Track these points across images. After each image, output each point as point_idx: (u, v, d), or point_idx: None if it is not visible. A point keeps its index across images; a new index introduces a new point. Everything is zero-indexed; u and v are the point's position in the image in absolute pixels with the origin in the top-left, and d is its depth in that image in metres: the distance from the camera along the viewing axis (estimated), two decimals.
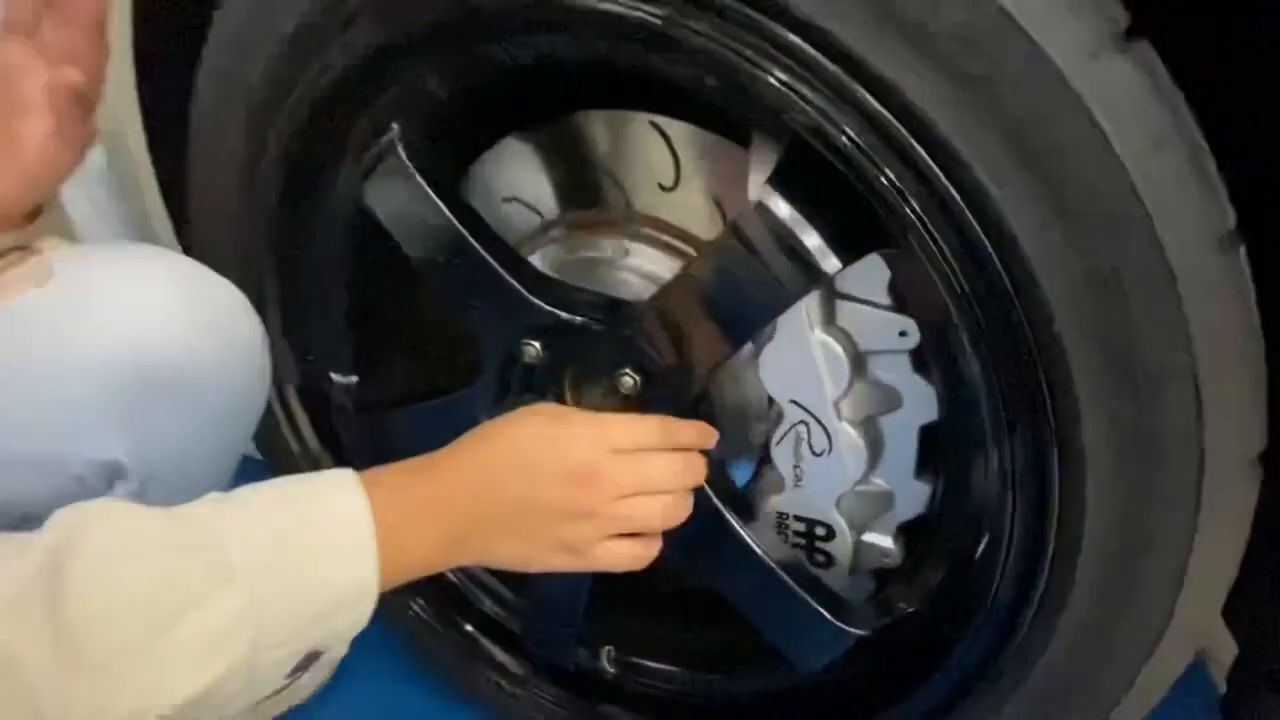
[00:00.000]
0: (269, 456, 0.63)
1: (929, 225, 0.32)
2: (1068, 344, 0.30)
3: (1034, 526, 0.35)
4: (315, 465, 0.61)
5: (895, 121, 0.31)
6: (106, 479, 0.39)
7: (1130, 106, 0.29)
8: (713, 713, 0.57)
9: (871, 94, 0.31)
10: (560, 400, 0.53)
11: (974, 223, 0.30)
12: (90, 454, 0.38)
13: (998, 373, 0.33)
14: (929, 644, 0.44)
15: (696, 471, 0.40)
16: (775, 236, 0.36)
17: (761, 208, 0.37)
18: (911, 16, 0.29)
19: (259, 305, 0.52)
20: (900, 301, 0.41)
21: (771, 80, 0.32)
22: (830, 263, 0.36)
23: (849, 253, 0.36)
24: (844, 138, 0.32)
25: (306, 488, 0.34)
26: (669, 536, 0.41)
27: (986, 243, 0.30)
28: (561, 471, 0.37)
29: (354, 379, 0.62)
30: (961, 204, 0.30)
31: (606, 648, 0.59)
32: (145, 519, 0.30)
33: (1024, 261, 0.30)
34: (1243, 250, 0.31)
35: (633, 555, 0.39)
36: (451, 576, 0.61)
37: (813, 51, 0.31)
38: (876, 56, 0.30)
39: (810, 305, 0.41)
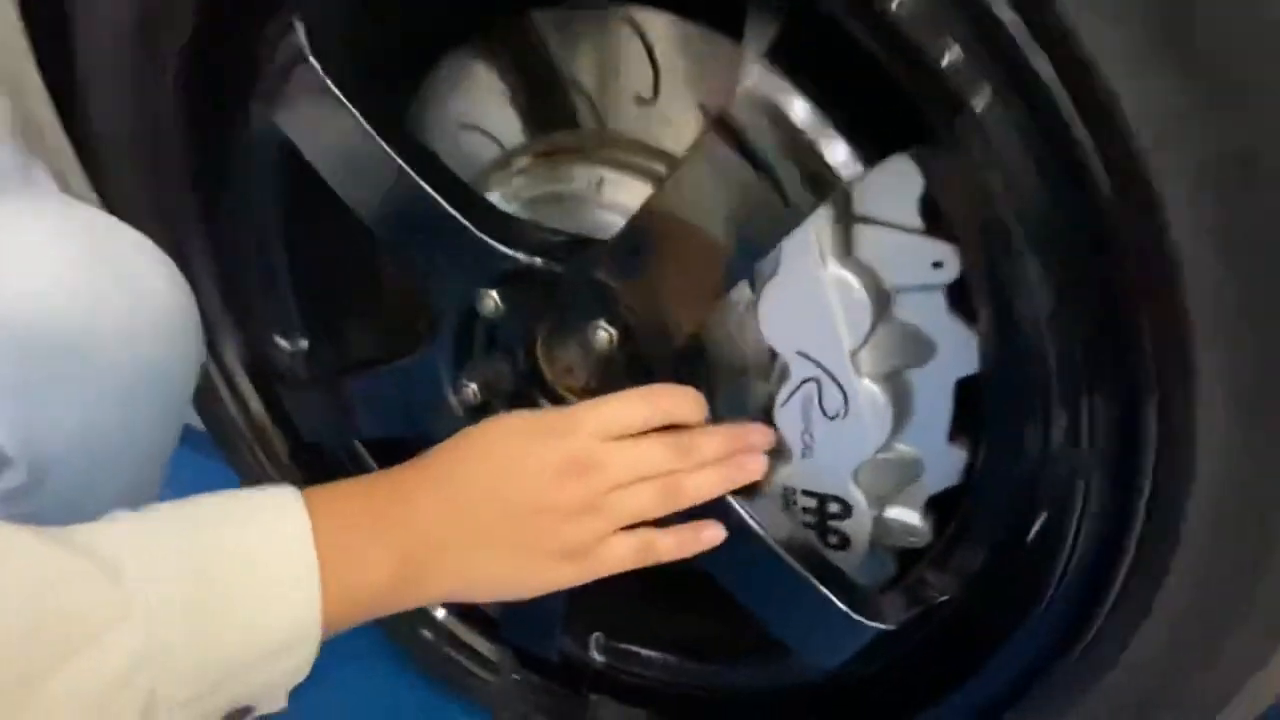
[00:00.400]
0: (211, 428, 0.56)
1: (1002, 113, 0.23)
2: (1185, 261, 0.22)
3: (1117, 504, 0.27)
4: (261, 436, 0.55)
5: None
6: None
7: None
8: (714, 707, 0.51)
9: None
10: (530, 361, 0.46)
11: (1062, 96, 0.21)
12: None
13: (1080, 309, 0.25)
14: (970, 638, 0.37)
15: (699, 446, 0.34)
16: (774, 133, 0.28)
17: (756, 95, 0.28)
18: None
19: (182, 259, 0.45)
20: (936, 222, 0.32)
21: None
22: (847, 165, 0.28)
23: (871, 150, 0.28)
24: (893, 3, 0.23)
25: (233, 507, 0.28)
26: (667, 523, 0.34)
27: (1080, 121, 0.22)
28: (550, 466, 0.32)
29: (303, 343, 0.55)
30: (1043, 71, 0.22)
31: (595, 635, 0.53)
32: (19, 541, 0.24)
33: (1130, 145, 0.21)
34: None
35: (635, 551, 0.33)
36: None
37: None
38: None
39: (821, 230, 0.33)
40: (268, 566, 0.27)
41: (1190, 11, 0.21)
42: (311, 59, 0.37)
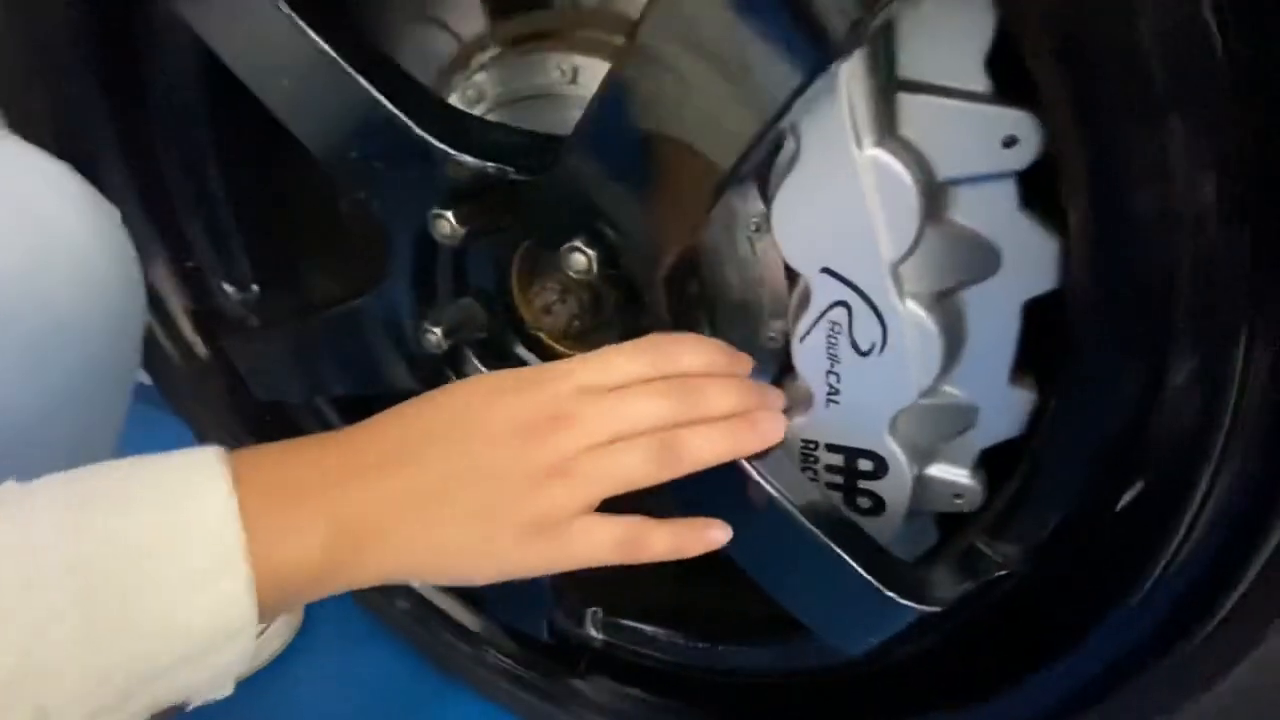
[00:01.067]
0: (158, 382, 0.51)
1: None
2: None
3: (1262, 474, 0.20)
4: (207, 380, 0.49)
5: None
6: None
7: None
8: (721, 689, 0.45)
9: None
10: (504, 299, 0.39)
11: None
12: None
13: (1261, 205, 0.17)
14: (1037, 625, 0.30)
15: (704, 395, 0.28)
16: None
17: None
18: None
19: (99, 182, 0.38)
20: (1009, 83, 0.24)
21: None
22: None
23: None
24: None
25: (137, 482, 0.22)
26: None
27: None
28: (514, 424, 0.26)
29: (254, 290, 0.48)
30: None
31: (592, 610, 0.47)
32: None
33: None
34: None
35: (617, 542, 0.27)
36: None
37: None
38: None
39: (855, 100, 0.25)
40: (182, 556, 0.21)
41: None
42: None
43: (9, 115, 0.43)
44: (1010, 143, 0.25)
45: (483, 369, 0.41)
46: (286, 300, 0.49)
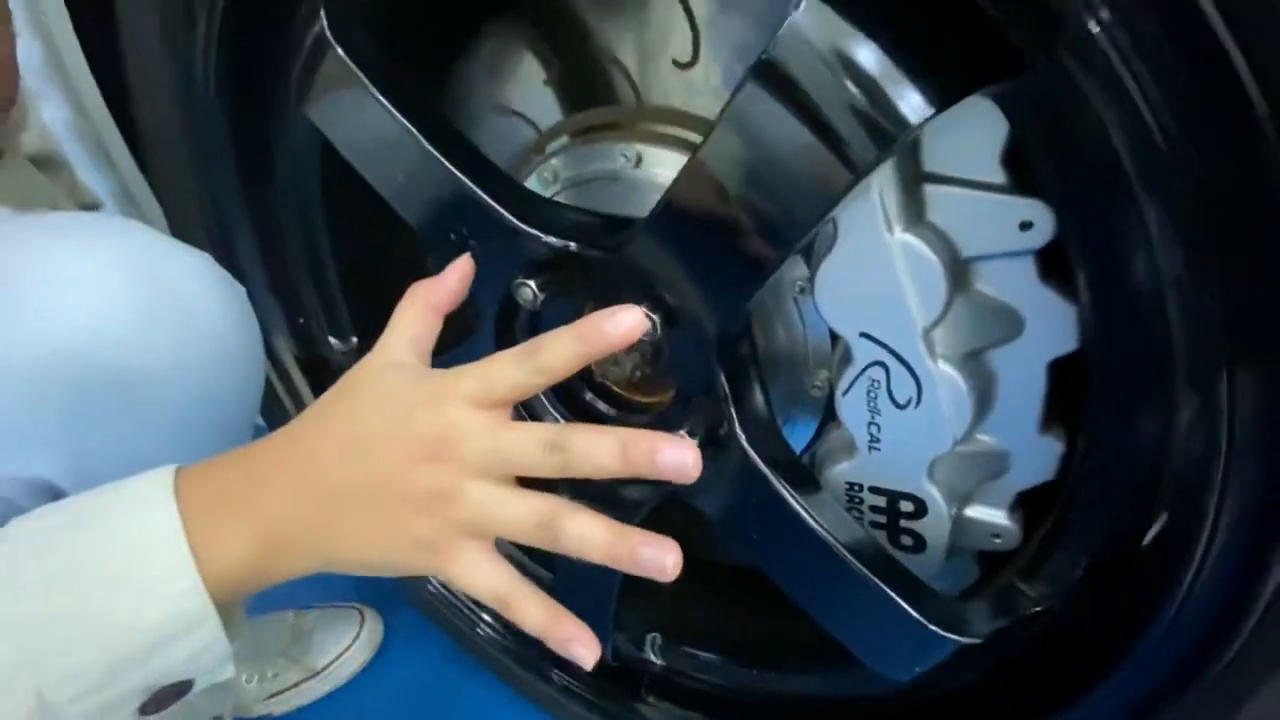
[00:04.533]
0: (272, 427, 0.58)
1: (1115, 17, 0.19)
2: None
3: (1264, 514, 0.22)
4: None
5: None
6: (38, 500, 0.33)
7: None
8: (782, 716, 0.48)
9: None
10: None
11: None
12: (15, 470, 0.33)
13: (1219, 266, 0.20)
14: (1072, 658, 0.32)
15: (570, 451, 0.26)
16: (826, 76, 0.24)
17: (803, 32, 0.24)
18: None
19: (236, 269, 0.45)
20: (1024, 176, 0.28)
21: None
22: (915, 110, 0.23)
23: (945, 90, 0.23)
24: None
25: (102, 501, 0.27)
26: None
27: (1222, 21, 0.17)
28: (406, 440, 0.27)
29: (354, 341, 0.55)
30: None
31: (652, 635, 0.51)
32: None
33: None
34: None
35: (491, 589, 0.28)
36: None
37: None
38: None
39: (886, 192, 0.29)
40: (140, 565, 0.26)
41: None
42: (336, 46, 0.36)
43: (162, 201, 0.52)
44: (1026, 226, 0.28)
45: (556, 415, 0.45)
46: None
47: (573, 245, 0.37)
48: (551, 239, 0.37)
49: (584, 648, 0.27)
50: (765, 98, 0.25)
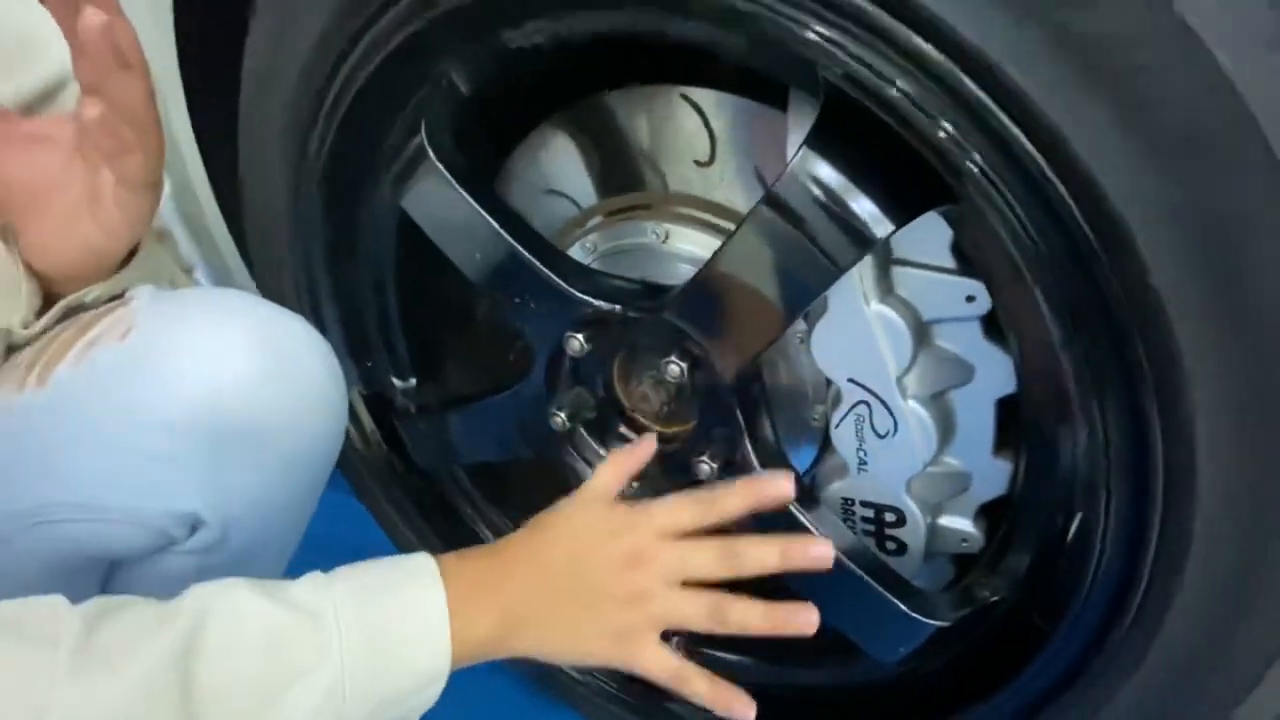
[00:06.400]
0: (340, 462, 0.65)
1: (993, 177, 0.28)
2: (1167, 298, 0.26)
3: (1135, 506, 0.31)
4: (379, 463, 0.63)
5: (952, 65, 0.27)
6: (188, 528, 0.41)
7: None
8: (788, 705, 0.55)
9: (925, 38, 0.27)
10: (610, 392, 0.52)
11: (1047, 168, 0.26)
12: (169, 506, 0.40)
13: (1083, 338, 0.29)
14: (1020, 635, 0.40)
15: (743, 559, 0.38)
16: (818, 202, 0.33)
17: (801, 172, 0.34)
18: None
19: (319, 321, 0.54)
20: (966, 262, 0.37)
21: (810, 34, 0.30)
22: (882, 226, 0.33)
23: (902, 214, 0.33)
24: (894, 89, 0.29)
25: (391, 575, 0.36)
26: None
27: (1062, 190, 0.27)
28: (613, 554, 0.37)
29: (413, 382, 0.63)
30: (1032, 147, 0.27)
31: (675, 637, 0.58)
32: (260, 601, 0.33)
33: (1109, 205, 0.26)
34: None
35: (670, 664, 0.38)
36: None
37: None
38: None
39: (864, 274, 0.38)
40: (414, 623, 0.35)
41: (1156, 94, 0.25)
42: (433, 155, 0.45)
43: (258, 268, 0.60)
44: (971, 299, 0.38)
45: (591, 442, 0.54)
46: (434, 389, 0.64)
47: (617, 308, 0.46)
48: (599, 302, 0.46)
49: (744, 707, 0.38)
50: (773, 218, 0.35)
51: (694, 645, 0.59)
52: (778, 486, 0.39)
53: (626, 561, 0.37)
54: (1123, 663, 0.35)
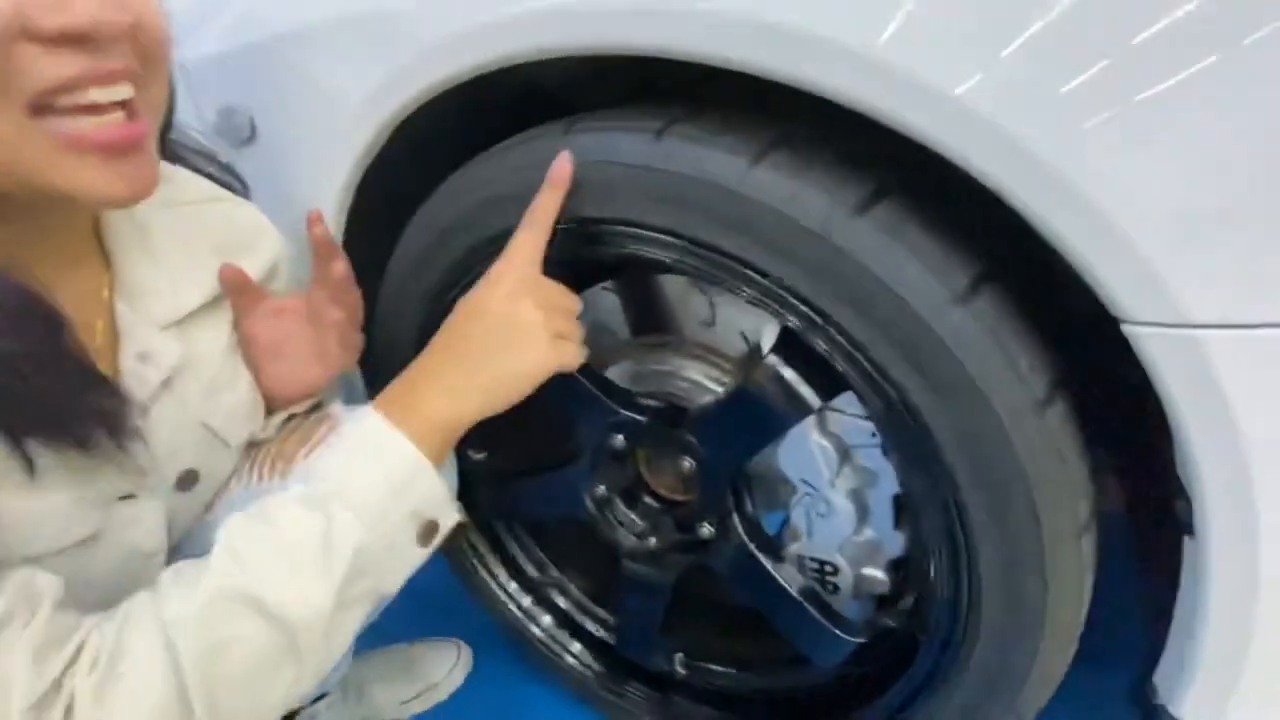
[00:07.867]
0: None
1: (869, 386, 0.51)
2: (950, 461, 0.50)
3: (952, 571, 0.54)
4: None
5: (840, 338, 0.50)
6: None
7: None
8: (758, 704, 0.76)
9: (820, 319, 0.50)
10: (637, 473, 0.74)
11: (893, 396, 0.50)
12: None
13: (912, 472, 0.52)
14: (906, 649, 0.62)
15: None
16: (779, 386, 0.56)
17: (768, 371, 0.57)
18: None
19: None
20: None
21: (747, 295, 0.52)
22: (817, 399, 0.56)
23: (829, 395, 0.56)
24: (821, 340, 0.52)
25: (346, 430, 0.49)
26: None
27: (904, 411, 0.50)
28: (502, 296, 0.50)
29: (484, 454, 0.84)
30: (883, 382, 0.50)
31: (678, 654, 0.79)
32: (294, 511, 0.45)
33: (919, 416, 0.50)
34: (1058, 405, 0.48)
35: (572, 354, 0.54)
36: (563, 604, 0.82)
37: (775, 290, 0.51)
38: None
39: (810, 417, 0.61)
40: (373, 444, 0.47)
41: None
42: None
43: (378, 380, 0.81)
44: (874, 434, 0.60)
45: (623, 506, 0.75)
46: (497, 462, 0.85)
47: (647, 419, 0.67)
48: (634, 414, 0.68)
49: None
50: (750, 392, 0.58)
51: (692, 661, 0.80)
52: (559, 166, 0.52)
53: (514, 293, 0.50)
54: (956, 671, 0.56)
